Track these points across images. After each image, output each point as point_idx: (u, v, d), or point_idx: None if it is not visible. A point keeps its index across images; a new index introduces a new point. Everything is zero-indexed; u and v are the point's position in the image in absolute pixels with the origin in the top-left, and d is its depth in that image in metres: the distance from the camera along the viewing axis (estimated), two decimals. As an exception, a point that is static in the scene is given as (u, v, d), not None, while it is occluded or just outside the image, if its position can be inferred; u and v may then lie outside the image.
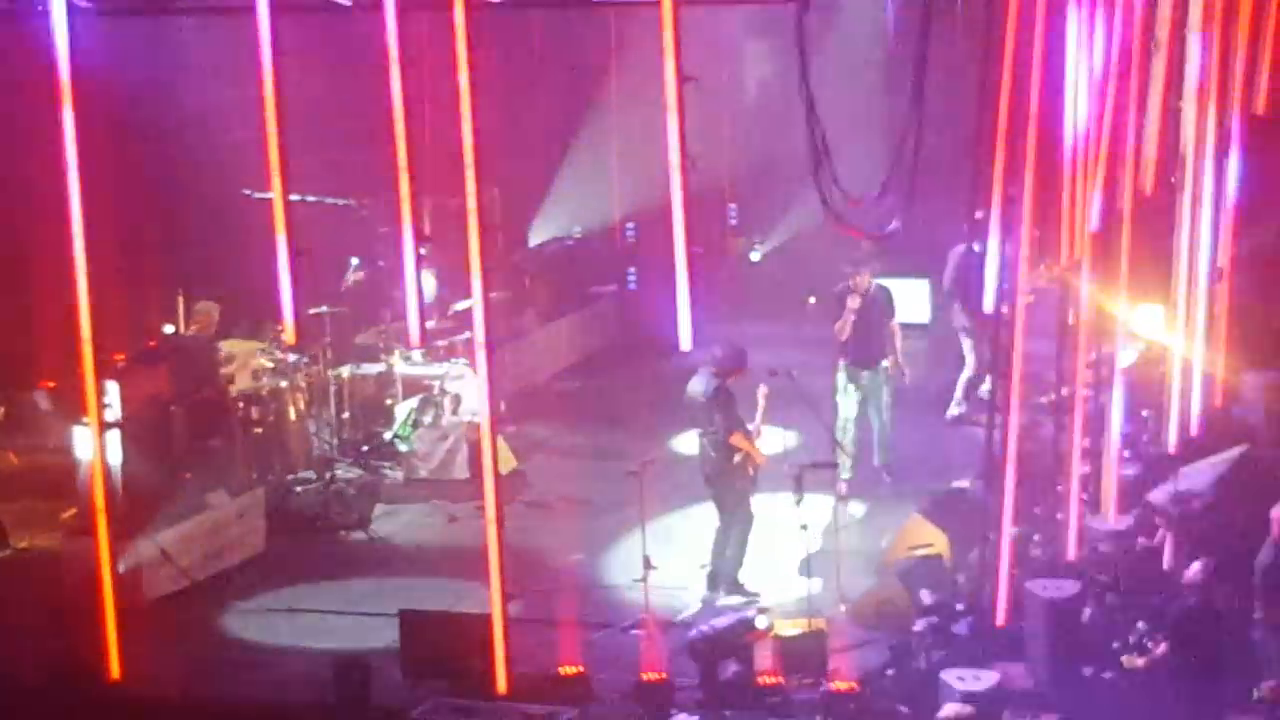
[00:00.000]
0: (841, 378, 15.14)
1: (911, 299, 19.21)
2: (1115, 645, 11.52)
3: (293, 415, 15.64)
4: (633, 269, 20.90)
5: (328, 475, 15.45)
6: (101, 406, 12.07)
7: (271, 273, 11.52)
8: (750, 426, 13.11)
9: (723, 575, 13.03)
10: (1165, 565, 12.06)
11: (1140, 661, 11.13)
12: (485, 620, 11.12)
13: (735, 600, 12.78)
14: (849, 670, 11.31)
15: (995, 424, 12.14)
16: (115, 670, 11.68)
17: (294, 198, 11.69)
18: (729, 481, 13.05)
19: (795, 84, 10.61)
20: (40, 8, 11.58)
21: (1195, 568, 11.07)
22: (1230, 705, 10.45)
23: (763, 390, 13.22)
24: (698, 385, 13.12)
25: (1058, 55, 12.05)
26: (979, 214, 12.54)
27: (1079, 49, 12.31)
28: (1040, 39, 11.73)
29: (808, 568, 12.25)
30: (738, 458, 13.01)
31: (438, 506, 15.28)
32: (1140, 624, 11.62)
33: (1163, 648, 10.99)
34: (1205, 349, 14.92)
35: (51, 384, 15.71)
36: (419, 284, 11.55)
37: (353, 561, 14.21)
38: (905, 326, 16.69)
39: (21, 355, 15.95)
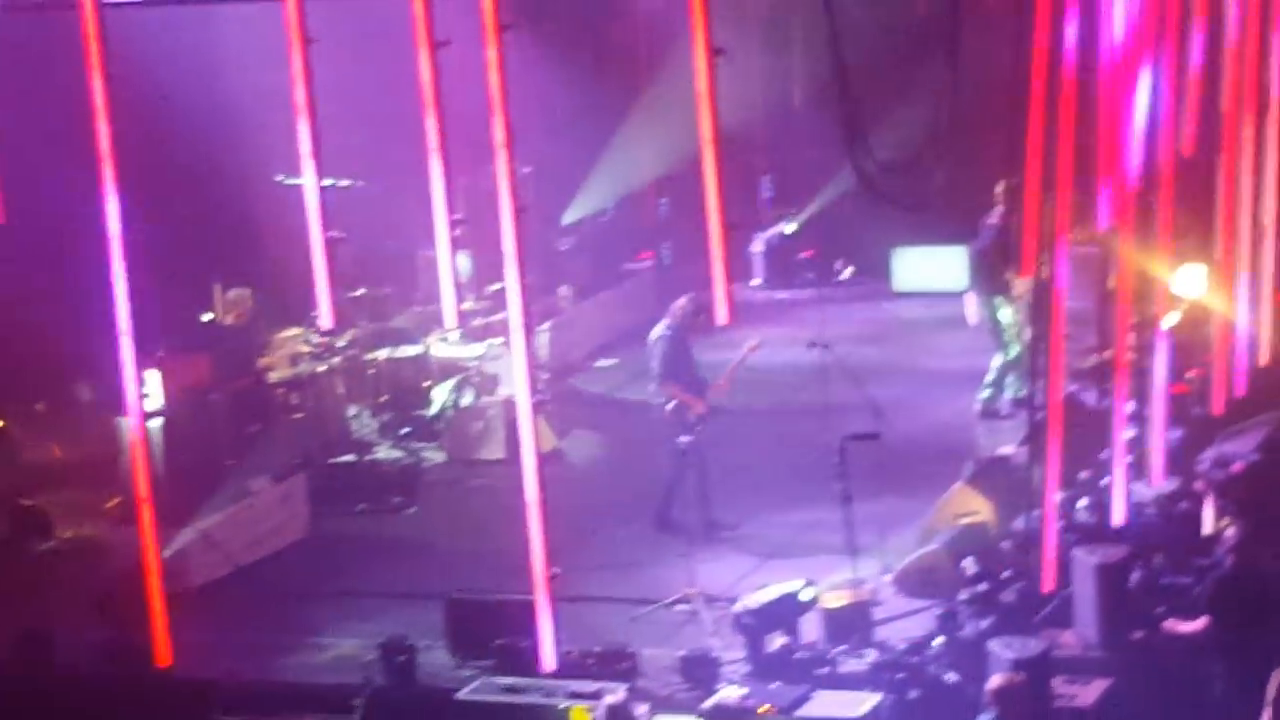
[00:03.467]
0: (1006, 308, 15.61)
1: (949, 266, 19.09)
2: (1162, 609, 11.45)
3: (332, 399, 15.66)
4: (667, 244, 20.83)
5: (368, 458, 15.47)
6: (142, 396, 12.11)
7: (307, 258, 11.54)
8: (717, 379, 13.53)
9: (666, 518, 13.47)
10: (1206, 529, 11.97)
11: (1185, 627, 11.04)
12: (530, 599, 11.11)
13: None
14: (896, 640, 11.28)
15: (1039, 389, 12.08)
16: (164, 656, 11.73)
17: (326, 183, 11.70)
18: (668, 426, 13.40)
19: (827, 52, 10.53)
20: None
21: (1232, 531, 10.98)
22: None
23: (749, 344, 13.50)
24: (654, 329, 13.50)
25: (1095, 16, 11.94)
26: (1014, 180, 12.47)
27: (1116, 11, 12.21)
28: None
29: (852, 538, 12.20)
30: (669, 405, 13.30)
31: (478, 487, 15.28)
32: (1196, 588, 11.55)
33: (1204, 613, 10.90)
34: (1249, 309, 14.81)
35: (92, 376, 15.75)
36: (454, 265, 11.55)
37: (396, 543, 14.24)
38: (943, 295, 16.70)
39: (63, 348, 16.00)
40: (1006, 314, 15.79)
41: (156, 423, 13.52)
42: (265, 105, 15.15)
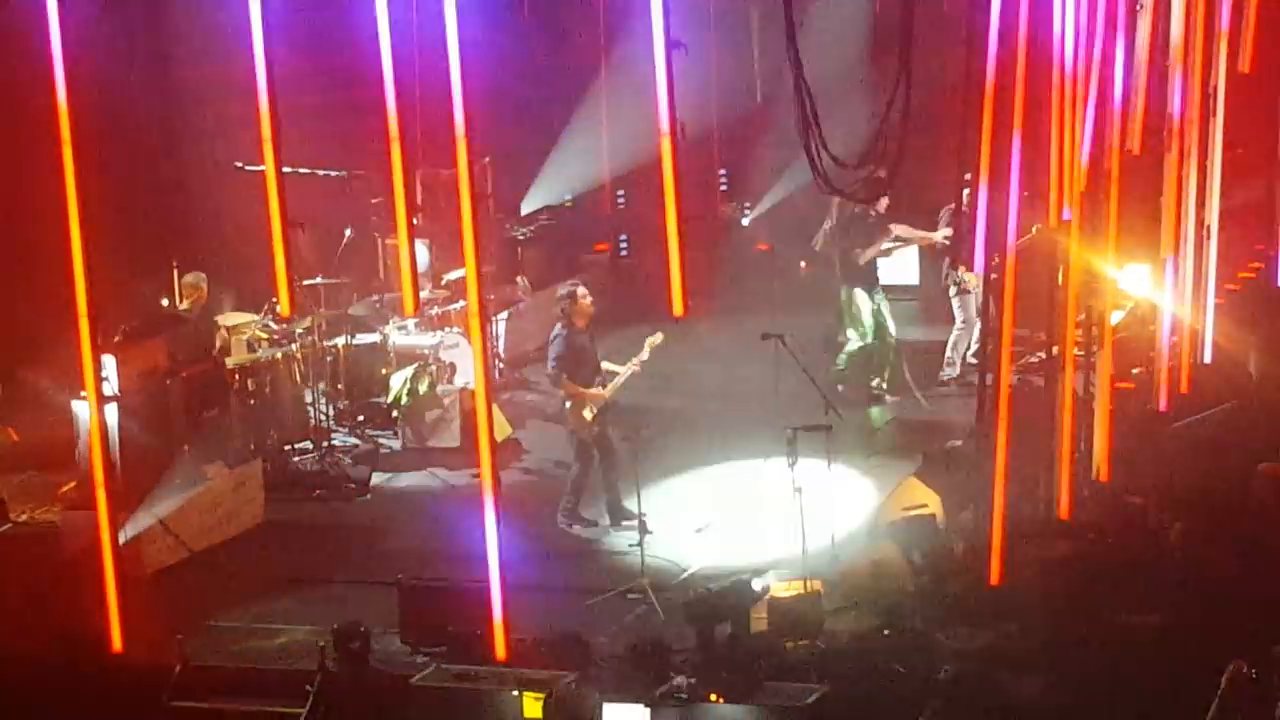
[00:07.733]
0: (864, 298, 16.06)
1: (900, 260, 19.22)
2: (1107, 604, 11.62)
3: (289, 386, 15.71)
4: (624, 236, 20.91)
5: (324, 445, 15.53)
6: (99, 381, 12.13)
7: (266, 245, 11.58)
8: (623, 367, 13.74)
9: (608, 507, 13.64)
10: (1150, 524, 12.15)
11: (1132, 620, 11.21)
12: (483, 586, 11.21)
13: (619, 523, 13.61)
14: (844, 631, 11.41)
15: (987, 383, 12.22)
16: (117, 642, 11.76)
17: (286, 170, 11.74)
18: (568, 423, 13.61)
19: (783, 46, 10.61)
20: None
21: (1177, 527, 11.15)
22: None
23: (652, 340, 13.68)
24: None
25: (1045, 14, 12.08)
26: (968, 175, 12.62)
27: (1066, 8, 12.35)
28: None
29: (803, 530, 12.33)
30: (567, 403, 13.51)
31: (434, 474, 15.36)
32: (1142, 582, 11.72)
33: (1152, 608, 11.08)
34: (1194, 307, 15.00)
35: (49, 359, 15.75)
36: (412, 254, 11.61)
37: (350, 530, 14.30)
38: (894, 288, 16.89)
39: (19, 331, 16.00)
40: (862, 305, 16.19)
41: (112, 407, 13.53)
42: (228, 91, 15.18)
